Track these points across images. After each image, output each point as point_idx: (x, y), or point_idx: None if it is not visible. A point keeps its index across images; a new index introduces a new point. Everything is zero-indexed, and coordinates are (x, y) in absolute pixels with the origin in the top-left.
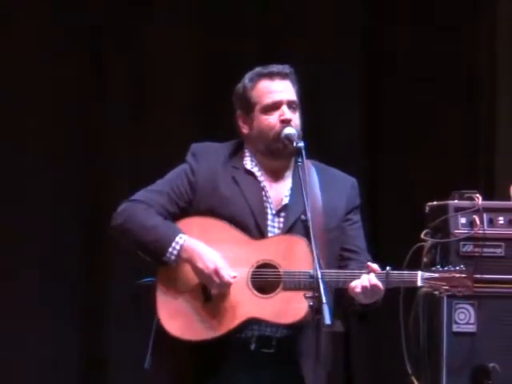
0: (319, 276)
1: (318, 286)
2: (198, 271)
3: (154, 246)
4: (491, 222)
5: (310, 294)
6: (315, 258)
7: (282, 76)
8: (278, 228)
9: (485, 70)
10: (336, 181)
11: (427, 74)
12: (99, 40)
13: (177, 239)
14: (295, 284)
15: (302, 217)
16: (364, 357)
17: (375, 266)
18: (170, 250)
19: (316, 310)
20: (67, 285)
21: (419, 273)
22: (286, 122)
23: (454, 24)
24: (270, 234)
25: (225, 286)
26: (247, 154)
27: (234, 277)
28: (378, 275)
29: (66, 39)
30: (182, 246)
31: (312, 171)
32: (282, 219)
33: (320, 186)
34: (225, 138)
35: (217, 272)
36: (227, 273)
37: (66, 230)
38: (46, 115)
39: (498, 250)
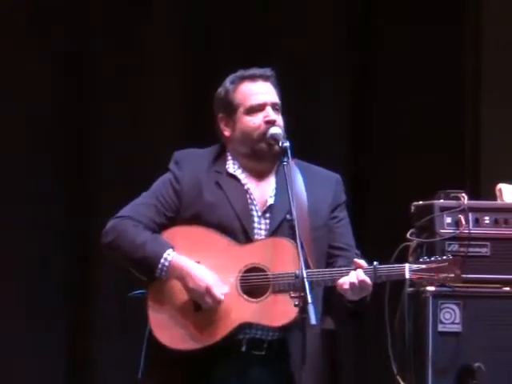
0: (304, 276)
1: (304, 285)
2: (189, 290)
3: (144, 263)
4: (477, 222)
5: (295, 294)
6: (300, 257)
7: (265, 78)
8: (265, 230)
9: (471, 71)
10: (320, 179)
11: (414, 75)
12: (83, 41)
13: (164, 255)
14: (284, 286)
15: (288, 216)
16: (350, 356)
17: (362, 262)
18: (160, 266)
19: (301, 309)
20: (54, 295)
21: (407, 265)
22: (270, 123)
23: (441, 24)
24: (256, 237)
25: (216, 305)
26: (229, 158)
27: (227, 287)
28: (365, 271)
29: (46, 38)
30: (170, 263)
31: (296, 171)
32: (267, 220)
33: (304, 185)
34: (211, 141)
35: (208, 291)
36: (219, 291)
37: (52, 237)
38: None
39: (484, 250)
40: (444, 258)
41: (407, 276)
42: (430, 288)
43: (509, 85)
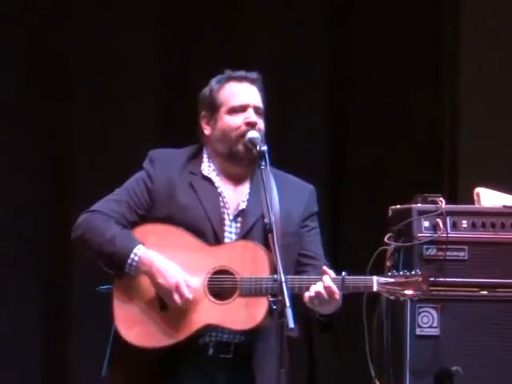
0: (283, 280)
1: (282, 289)
2: (157, 286)
3: (113, 258)
4: (454, 226)
5: (273, 297)
6: (278, 261)
7: (251, 81)
8: (236, 233)
9: (448, 71)
10: (293, 187)
11: (392, 76)
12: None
13: (134, 251)
14: (251, 290)
15: (266, 220)
16: (327, 359)
17: (330, 272)
18: (129, 261)
19: (280, 313)
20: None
21: (374, 278)
22: (251, 125)
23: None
24: (226, 240)
25: (184, 303)
26: (205, 159)
27: (195, 287)
28: (333, 280)
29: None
30: (139, 258)
31: (271, 177)
32: (239, 224)
33: (278, 192)
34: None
35: (177, 289)
36: (187, 289)
37: (26, 240)
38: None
39: (462, 254)
40: (412, 273)
41: (375, 289)
42: (408, 292)
43: (488, 88)
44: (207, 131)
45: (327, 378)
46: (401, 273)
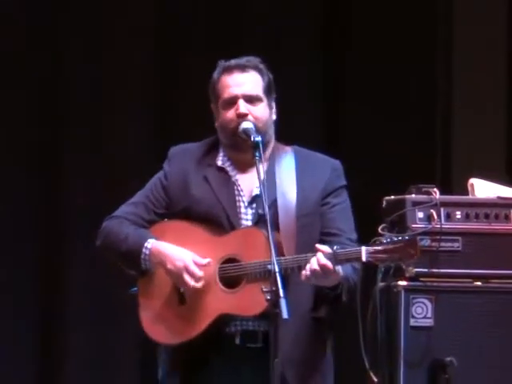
0: (276, 270)
1: (276, 279)
2: (168, 272)
3: (129, 257)
4: (448, 217)
5: (267, 287)
6: (272, 251)
7: (241, 68)
8: (252, 220)
9: (441, 64)
10: (314, 165)
11: (387, 71)
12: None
13: (145, 244)
14: (257, 275)
15: (260, 211)
16: None
17: (323, 248)
18: (142, 256)
19: (274, 303)
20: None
21: (363, 248)
22: (241, 117)
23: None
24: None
25: (197, 281)
26: (220, 149)
27: (208, 263)
28: (326, 255)
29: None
30: (150, 251)
31: (289, 158)
32: (253, 210)
33: (296, 172)
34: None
35: (187, 269)
36: (196, 268)
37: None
38: None
39: (456, 245)
40: (400, 238)
41: (364, 258)
42: (402, 282)
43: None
44: (216, 123)
45: None
46: (388, 240)
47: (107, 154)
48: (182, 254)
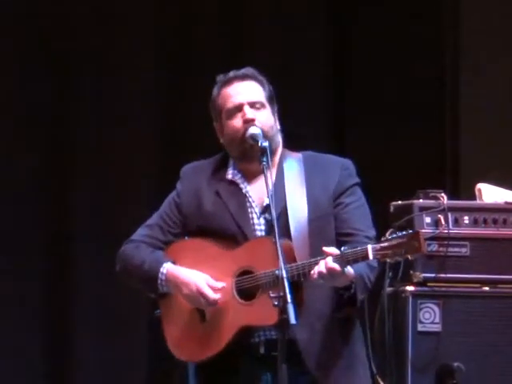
0: (284, 276)
1: (283, 285)
2: (185, 297)
3: (146, 281)
4: (456, 222)
5: (275, 293)
6: (280, 257)
7: (240, 78)
8: (265, 230)
9: (448, 72)
10: (324, 167)
11: (393, 74)
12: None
13: (161, 270)
14: (270, 284)
15: (267, 216)
16: None
17: (331, 250)
18: (159, 282)
19: (281, 309)
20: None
21: (369, 246)
22: (248, 122)
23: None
24: None
25: (212, 304)
26: (230, 164)
27: (223, 287)
28: (335, 258)
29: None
30: (165, 276)
31: (297, 163)
32: (266, 220)
33: (305, 176)
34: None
35: (201, 293)
36: (210, 291)
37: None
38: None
39: (463, 250)
40: (404, 233)
41: (371, 256)
42: (410, 288)
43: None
44: (221, 140)
45: None
46: (393, 235)
47: (117, 154)
48: (195, 277)
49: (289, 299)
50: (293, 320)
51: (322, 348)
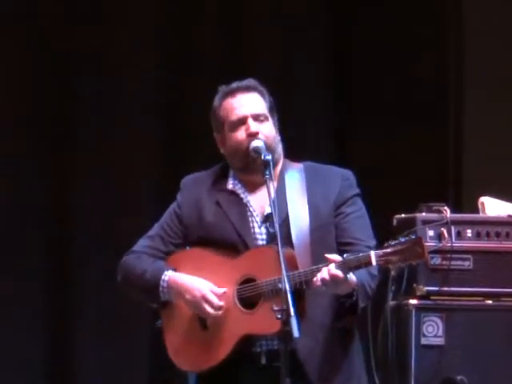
0: (287, 289)
1: (286, 298)
2: (188, 304)
3: (148, 290)
4: (459, 235)
5: (278, 306)
6: (283, 270)
7: (243, 90)
8: (267, 239)
9: (452, 78)
10: (324, 178)
11: (393, 74)
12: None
13: (162, 277)
14: (272, 292)
15: (270, 229)
16: None
17: (334, 257)
18: (161, 289)
19: (284, 322)
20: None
21: (372, 252)
22: (252, 136)
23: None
24: None
25: (217, 310)
26: (231, 174)
27: (224, 293)
28: (337, 265)
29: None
30: (167, 284)
31: (298, 174)
32: (267, 229)
33: (307, 187)
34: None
35: (205, 299)
36: (214, 297)
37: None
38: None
39: (466, 263)
40: (406, 239)
41: (374, 262)
42: (413, 301)
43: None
44: (222, 150)
45: None
46: (396, 242)
47: (117, 154)
48: (199, 284)
49: (292, 312)
50: (296, 333)
51: (323, 360)
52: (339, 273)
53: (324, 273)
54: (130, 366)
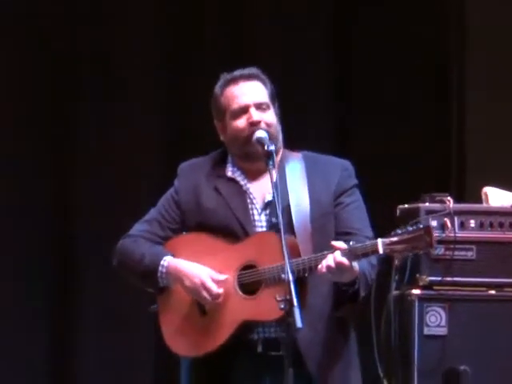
0: (290, 279)
1: (289, 288)
2: (187, 290)
3: (146, 275)
4: (462, 225)
5: (281, 296)
6: (286, 259)
7: (246, 78)
8: (266, 226)
9: (454, 67)
10: (324, 168)
11: (394, 78)
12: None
13: (161, 262)
14: (274, 279)
15: (273, 220)
16: None
17: (340, 244)
18: (159, 274)
19: (287, 312)
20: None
21: (379, 240)
22: (255, 125)
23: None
24: None
25: (215, 298)
26: (229, 161)
27: (225, 279)
28: (343, 252)
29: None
30: (167, 269)
31: (298, 163)
32: (267, 217)
33: (307, 176)
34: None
35: (204, 286)
36: (214, 284)
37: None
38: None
39: (469, 253)
40: (414, 228)
41: (381, 250)
42: (416, 291)
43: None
44: (222, 137)
45: None
46: (403, 230)
47: (117, 154)
48: (198, 270)
49: (295, 303)
50: (299, 324)
51: (322, 349)
52: (345, 260)
53: (330, 260)
54: (130, 366)
